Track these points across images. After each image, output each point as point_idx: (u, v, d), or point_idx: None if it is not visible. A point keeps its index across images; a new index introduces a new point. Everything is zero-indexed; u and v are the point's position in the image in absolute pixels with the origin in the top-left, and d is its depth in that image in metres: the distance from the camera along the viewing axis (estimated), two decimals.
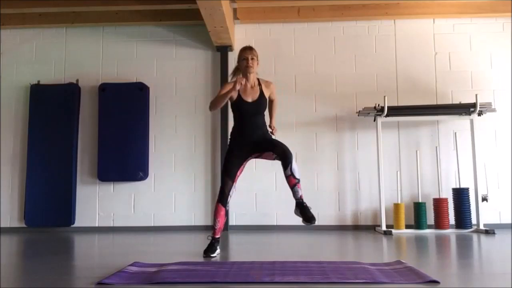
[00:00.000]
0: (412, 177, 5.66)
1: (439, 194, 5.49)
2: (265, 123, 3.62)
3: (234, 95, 3.51)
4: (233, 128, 3.62)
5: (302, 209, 3.32)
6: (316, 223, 3.43)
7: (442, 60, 5.90)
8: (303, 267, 2.72)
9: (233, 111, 3.62)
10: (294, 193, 3.37)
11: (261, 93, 3.56)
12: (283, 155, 3.37)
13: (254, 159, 3.63)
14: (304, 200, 3.35)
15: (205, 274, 2.50)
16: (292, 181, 3.36)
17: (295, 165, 3.37)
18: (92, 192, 5.88)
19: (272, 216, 5.73)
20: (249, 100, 3.52)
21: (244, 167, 3.56)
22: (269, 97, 3.69)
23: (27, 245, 4.50)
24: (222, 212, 3.45)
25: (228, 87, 3.50)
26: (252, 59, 3.51)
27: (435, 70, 5.89)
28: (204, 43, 6.03)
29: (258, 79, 3.61)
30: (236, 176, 3.48)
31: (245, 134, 3.54)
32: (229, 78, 3.68)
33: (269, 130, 3.64)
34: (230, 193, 3.45)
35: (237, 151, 3.51)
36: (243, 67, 3.55)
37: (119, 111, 5.87)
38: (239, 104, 3.54)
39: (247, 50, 3.55)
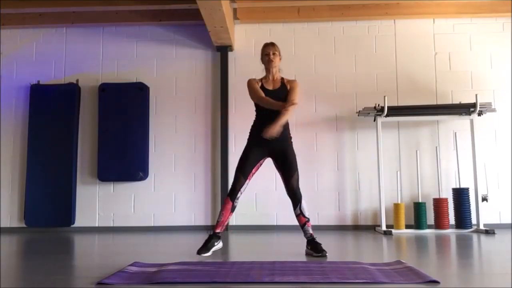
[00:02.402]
0: (412, 177, 5.66)
1: (439, 194, 5.49)
2: (287, 124, 3.55)
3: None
4: (254, 123, 3.59)
5: (314, 244, 3.36)
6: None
7: (442, 60, 5.90)
8: (303, 267, 2.72)
9: (255, 105, 3.58)
10: (305, 232, 3.45)
11: (283, 84, 3.56)
12: (293, 196, 3.45)
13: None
14: (315, 236, 3.42)
15: (205, 274, 2.50)
16: (302, 220, 3.45)
17: (304, 205, 3.46)
18: (92, 192, 5.88)
19: (272, 216, 5.73)
20: (270, 88, 3.54)
21: (261, 165, 3.55)
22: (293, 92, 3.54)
23: (27, 245, 4.50)
24: (228, 206, 3.43)
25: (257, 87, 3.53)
26: (274, 54, 3.55)
27: (435, 70, 5.89)
28: (204, 43, 6.03)
29: (282, 78, 3.60)
30: (251, 174, 3.48)
31: (266, 124, 3.41)
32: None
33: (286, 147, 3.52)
34: (242, 189, 3.45)
35: (255, 148, 3.49)
36: (265, 62, 3.59)
37: (119, 111, 5.87)
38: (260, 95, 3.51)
39: (269, 46, 3.60)
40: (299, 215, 3.45)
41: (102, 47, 6.15)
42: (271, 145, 3.46)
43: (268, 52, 3.57)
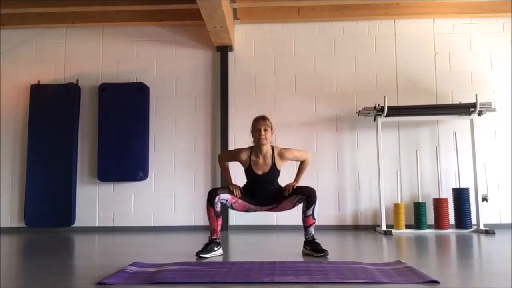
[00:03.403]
0: (412, 177, 5.66)
1: (439, 194, 5.49)
2: (278, 185, 3.60)
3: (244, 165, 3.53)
4: (246, 185, 3.60)
5: (313, 245, 3.36)
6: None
7: (442, 60, 5.90)
8: (303, 267, 2.72)
9: (245, 174, 3.58)
10: (308, 233, 3.42)
11: (273, 165, 3.48)
12: (309, 195, 3.42)
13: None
14: (315, 237, 3.42)
15: (205, 274, 2.50)
16: (310, 221, 3.42)
17: (317, 207, 3.44)
18: (92, 192, 5.88)
19: (272, 216, 5.72)
20: (260, 173, 3.49)
21: (248, 208, 3.56)
22: (296, 159, 3.64)
23: (27, 245, 4.50)
24: (211, 213, 3.39)
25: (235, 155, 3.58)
26: (265, 130, 3.42)
27: (435, 70, 5.89)
28: (204, 43, 6.03)
29: (272, 149, 3.52)
30: (236, 200, 3.48)
31: (256, 196, 3.55)
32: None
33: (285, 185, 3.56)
34: (221, 196, 3.40)
35: (251, 199, 3.54)
36: (255, 139, 3.47)
37: (119, 111, 5.87)
38: (249, 174, 3.54)
39: (260, 121, 3.46)
40: (310, 216, 3.40)
41: (102, 47, 6.15)
42: (265, 202, 3.55)
43: (259, 128, 3.42)
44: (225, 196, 3.42)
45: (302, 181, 3.64)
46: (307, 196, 3.42)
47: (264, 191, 3.54)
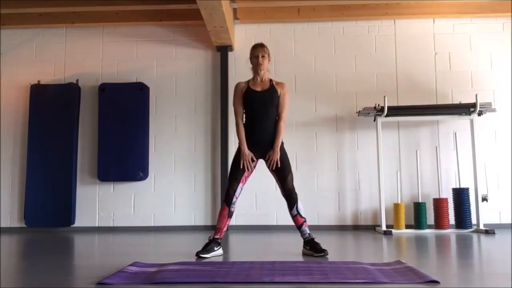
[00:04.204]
0: (412, 177, 5.66)
1: (439, 194, 5.49)
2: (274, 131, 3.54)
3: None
4: (244, 125, 3.58)
5: (313, 245, 3.36)
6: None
7: (442, 60, 5.90)
8: (303, 267, 2.72)
9: (244, 104, 3.57)
10: (303, 232, 3.44)
11: (272, 86, 3.54)
12: (289, 196, 3.46)
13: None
14: (313, 236, 3.42)
15: (205, 274, 2.50)
16: (299, 221, 3.45)
17: (300, 205, 3.46)
18: (92, 192, 5.88)
19: (272, 216, 5.73)
20: (258, 89, 3.53)
21: (254, 168, 3.55)
22: (277, 108, 3.53)
23: (27, 245, 4.50)
24: (225, 212, 3.45)
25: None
26: (263, 56, 3.54)
27: (435, 70, 5.89)
28: (204, 43, 6.03)
29: (271, 80, 3.58)
30: (243, 177, 3.49)
31: (256, 128, 3.50)
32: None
33: (267, 155, 3.50)
34: (236, 194, 3.46)
35: (249, 142, 3.51)
36: (253, 64, 3.57)
37: (119, 111, 5.87)
38: (248, 94, 3.52)
39: (258, 48, 3.57)
40: (296, 215, 3.46)
41: (102, 47, 6.15)
42: (263, 150, 3.50)
43: (257, 54, 3.55)
44: (238, 191, 3.48)
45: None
46: (285, 197, 3.49)
47: (265, 116, 3.48)
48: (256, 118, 3.52)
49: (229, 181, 3.52)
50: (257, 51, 3.55)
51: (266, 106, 3.51)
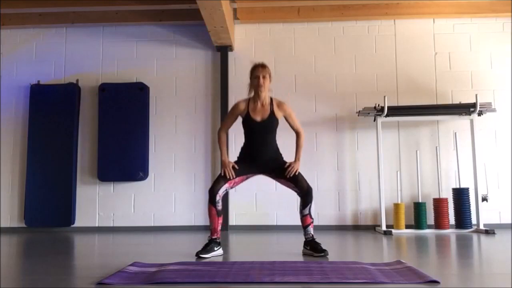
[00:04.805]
0: (412, 177, 5.66)
1: (439, 194, 5.49)
2: (277, 145, 3.58)
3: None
4: (243, 145, 3.59)
5: (313, 245, 3.35)
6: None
7: (442, 60, 5.90)
8: (303, 267, 2.72)
9: (243, 127, 3.57)
10: (307, 232, 3.42)
11: (271, 112, 3.48)
12: (306, 194, 3.42)
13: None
14: (314, 237, 3.41)
15: (205, 274, 2.50)
16: (308, 221, 3.42)
17: (313, 205, 3.44)
18: (92, 192, 5.88)
19: (272, 216, 5.73)
20: (258, 119, 3.47)
21: (247, 178, 3.54)
22: (292, 127, 3.61)
23: (27, 245, 4.50)
24: (213, 212, 3.42)
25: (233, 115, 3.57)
26: (264, 77, 3.44)
27: (435, 70, 5.89)
28: (204, 43, 6.03)
29: (271, 98, 3.53)
30: (233, 181, 3.46)
31: (255, 152, 3.50)
32: (247, 93, 3.60)
33: (286, 164, 3.51)
34: (220, 192, 3.41)
35: (244, 163, 3.51)
36: (254, 85, 3.49)
37: (119, 111, 5.87)
38: (248, 122, 3.50)
39: (259, 68, 3.48)
40: (307, 215, 3.42)
41: (102, 47, 6.15)
42: (264, 166, 3.50)
43: (258, 75, 3.45)
44: (223, 189, 3.44)
45: (301, 158, 3.60)
46: (302, 196, 3.44)
47: (264, 141, 3.49)
48: (255, 145, 3.52)
49: (216, 179, 3.51)
50: (258, 72, 3.46)
51: (265, 135, 3.51)
